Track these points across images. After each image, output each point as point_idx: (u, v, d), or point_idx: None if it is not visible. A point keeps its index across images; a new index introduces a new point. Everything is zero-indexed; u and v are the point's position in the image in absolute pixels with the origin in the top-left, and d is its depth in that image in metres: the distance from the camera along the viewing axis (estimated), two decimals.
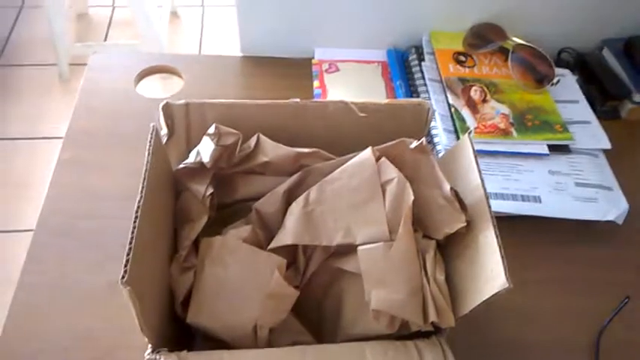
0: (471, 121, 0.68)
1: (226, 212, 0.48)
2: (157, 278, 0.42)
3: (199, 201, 0.45)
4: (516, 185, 0.64)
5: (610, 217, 0.62)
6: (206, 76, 0.79)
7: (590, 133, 0.70)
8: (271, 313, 0.42)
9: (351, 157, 0.45)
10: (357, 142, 0.47)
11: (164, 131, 0.47)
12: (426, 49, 0.77)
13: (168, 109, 0.46)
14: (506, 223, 0.62)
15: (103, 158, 0.67)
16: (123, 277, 0.34)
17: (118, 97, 0.74)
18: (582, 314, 0.58)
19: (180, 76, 0.78)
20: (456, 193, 0.42)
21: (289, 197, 0.45)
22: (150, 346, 0.39)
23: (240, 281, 0.42)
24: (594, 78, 0.77)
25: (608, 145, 0.69)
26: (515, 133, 0.68)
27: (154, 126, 0.43)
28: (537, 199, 0.63)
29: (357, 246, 0.42)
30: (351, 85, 0.77)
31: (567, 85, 0.76)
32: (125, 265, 0.35)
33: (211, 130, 0.45)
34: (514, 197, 0.63)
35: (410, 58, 0.78)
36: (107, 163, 0.67)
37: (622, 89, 0.75)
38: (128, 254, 0.35)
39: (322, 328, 0.45)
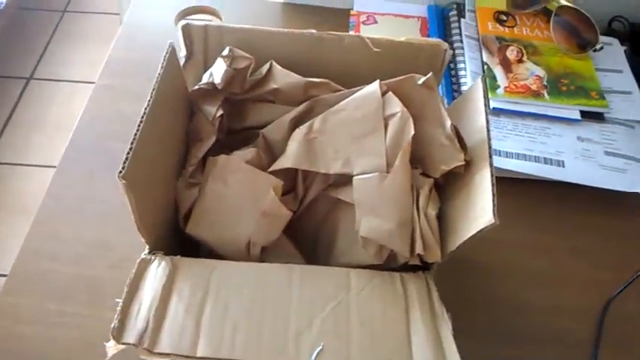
0: (502, 80, 0.66)
1: (236, 138, 0.49)
2: (162, 187, 0.44)
3: (209, 122, 0.47)
4: (541, 148, 0.62)
5: (638, 189, 0.60)
6: (245, 19, 0.79)
7: (630, 104, 0.67)
8: (264, 231, 0.43)
9: (359, 90, 0.45)
10: (370, 79, 0.46)
11: (183, 52, 0.49)
12: (467, 7, 0.76)
13: (187, 30, 0.48)
14: (527, 186, 0.62)
15: (136, 87, 0.70)
16: (120, 172, 0.36)
17: (158, 33, 0.76)
18: (593, 284, 0.57)
19: (219, 17, 0.80)
20: (456, 131, 0.42)
21: (296, 125, 0.46)
22: (147, 247, 0.41)
23: (238, 198, 0.43)
24: None
25: None
26: (547, 96, 0.65)
27: (171, 43, 0.45)
28: (561, 164, 0.61)
29: (354, 176, 0.43)
30: None
31: (613, 53, 0.72)
32: (124, 162, 0.37)
33: (225, 52, 0.46)
34: (536, 159, 0.61)
35: (450, 14, 0.76)
36: (140, 91, 0.68)
37: None
38: (128, 153, 0.37)
39: (317, 257, 0.46)
